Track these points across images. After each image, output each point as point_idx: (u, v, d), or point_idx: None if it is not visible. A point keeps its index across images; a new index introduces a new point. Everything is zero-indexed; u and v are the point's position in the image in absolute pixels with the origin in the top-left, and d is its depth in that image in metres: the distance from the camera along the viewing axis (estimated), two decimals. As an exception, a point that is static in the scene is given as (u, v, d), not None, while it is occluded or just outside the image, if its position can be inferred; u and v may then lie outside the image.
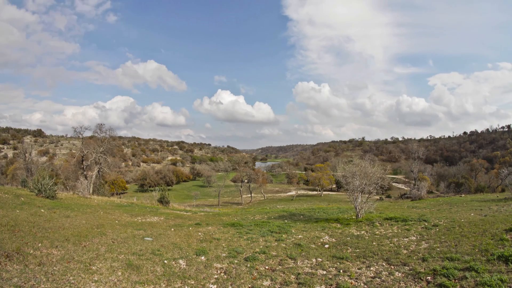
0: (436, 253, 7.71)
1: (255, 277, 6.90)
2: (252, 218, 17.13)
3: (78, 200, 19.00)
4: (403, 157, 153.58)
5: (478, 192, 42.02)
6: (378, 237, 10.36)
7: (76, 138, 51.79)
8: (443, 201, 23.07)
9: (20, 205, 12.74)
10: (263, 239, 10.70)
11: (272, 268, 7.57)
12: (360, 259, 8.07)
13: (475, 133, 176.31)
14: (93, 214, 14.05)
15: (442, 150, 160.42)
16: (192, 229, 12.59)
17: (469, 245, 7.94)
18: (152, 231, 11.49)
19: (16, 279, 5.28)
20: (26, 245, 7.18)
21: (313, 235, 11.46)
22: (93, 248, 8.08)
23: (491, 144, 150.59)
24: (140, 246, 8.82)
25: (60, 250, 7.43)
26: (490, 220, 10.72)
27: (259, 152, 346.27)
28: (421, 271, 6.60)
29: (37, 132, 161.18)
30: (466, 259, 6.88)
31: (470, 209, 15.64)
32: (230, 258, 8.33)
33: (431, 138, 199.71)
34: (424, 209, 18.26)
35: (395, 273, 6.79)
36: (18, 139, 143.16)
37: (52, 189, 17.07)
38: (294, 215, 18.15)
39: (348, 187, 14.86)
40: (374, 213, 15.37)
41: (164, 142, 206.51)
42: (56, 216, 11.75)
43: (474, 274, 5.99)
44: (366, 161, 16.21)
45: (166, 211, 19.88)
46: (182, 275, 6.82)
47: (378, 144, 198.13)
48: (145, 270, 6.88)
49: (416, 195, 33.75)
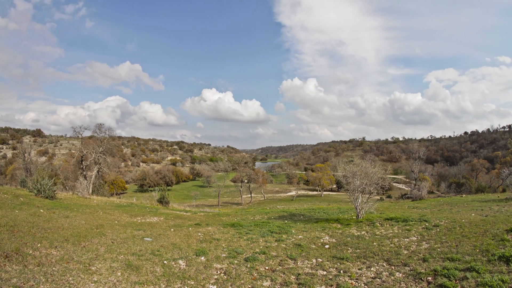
0: (437, 254, 7.71)
1: (255, 278, 6.90)
2: (252, 219, 17.13)
3: (78, 200, 19.00)
4: (403, 157, 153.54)
5: (479, 192, 41.99)
6: (379, 238, 10.36)
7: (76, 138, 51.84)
8: (444, 202, 23.06)
9: (19, 205, 12.74)
10: (263, 240, 10.70)
11: (272, 269, 7.57)
12: (361, 260, 8.07)
13: (475, 133, 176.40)
14: (93, 215, 14.04)
15: (443, 150, 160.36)
16: (192, 229, 12.59)
17: (470, 246, 7.93)
18: (151, 231, 11.49)
19: (15, 279, 5.28)
20: (25, 246, 7.18)
21: (313, 235, 11.46)
22: (92, 248, 8.08)
23: (492, 144, 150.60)
24: (139, 247, 8.82)
25: (60, 250, 7.43)
26: (491, 220, 10.72)
27: (259, 152, 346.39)
28: (422, 272, 6.60)
29: (36, 132, 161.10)
30: (467, 260, 6.88)
31: (471, 210, 15.64)
32: (230, 258, 8.33)
33: (431, 138, 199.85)
34: (424, 209, 18.27)
35: (396, 274, 6.79)
36: (17, 139, 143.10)
37: (52, 189, 17.07)
38: (294, 216, 18.15)
39: (348, 187, 14.87)
40: (375, 214, 15.37)
41: (163, 142, 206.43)
42: (55, 217, 11.75)
43: (475, 275, 5.99)
44: (367, 161, 16.21)
45: (165, 211, 19.88)
46: (181, 276, 6.82)
47: (379, 144, 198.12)
48: (144, 270, 6.87)
49: (417, 195, 33.78)
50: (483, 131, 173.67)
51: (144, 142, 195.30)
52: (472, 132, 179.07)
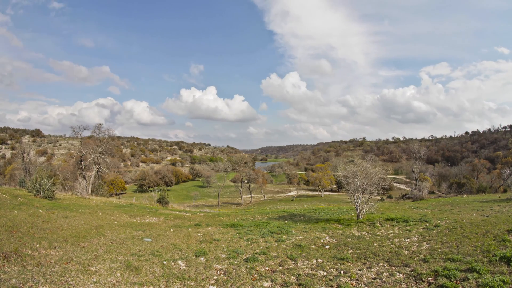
0: (438, 254, 7.71)
1: (255, 278, 6.90)
2: (252, 219, 17.13)
3: (77, 201, 19.00)
4: (404, 157, 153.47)
5: (480, 193, 41.96)
6: (379, 238, 10.36)
7: (75, 138, 51.80)
8: (445, 202, 23.06)
9: (18, 205, 12.73)
10: (263, 240, 10.69)
11: (272, 269, 7.57)
12: (361, 260, 8.07)
13: (476, 133, 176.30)
14: (92, 215, 14.04)
15: (444, 150, 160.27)
16: (192, 229, 12.59)
17: (470, 246, 7.93)
18: (151, 231, 11.49)
19: (14, 280, 5.28)
20: (24, 246, 7.17)
21: (313, 236, 11.46)
22: (91, 249, 8.07)
23: (493, 144, 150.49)
24: (139, 247, 8.82)
25: (59, 251, 7.43)
26: (492, 220, 10.72)
27: (259, 152, 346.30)
28: (423, 272, 6.60)
29: (35, 132, 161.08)
30: (468, 260, 6.88)
31: (472, 210, 15.64)
32: (230, 259, 8.32)
33: (432, 138, 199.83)
34: (425, 209, 18.26)
35: (396, 274, 6.79)
36: (16, 139, 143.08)
37: (51, 190, 17.07)
38: (294, 216, 18.14)
39: (349, 188, 14.87)
40: (375, 214, 15.37)
41: (163, 142, 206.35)
42: (54, 217, 11.75)
43: (476, 275, 5.99)
44: (367, 161, 16.21)
45: (165, 211, 19.88)
46: (181, 276, 6.82)
47: (379, 144, 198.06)
48: (144, 271, 6.87)
49: (418, 195, 33.79)
50: (484, 131, 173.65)
51: (143, 142, 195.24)
52: (473, 132, 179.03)
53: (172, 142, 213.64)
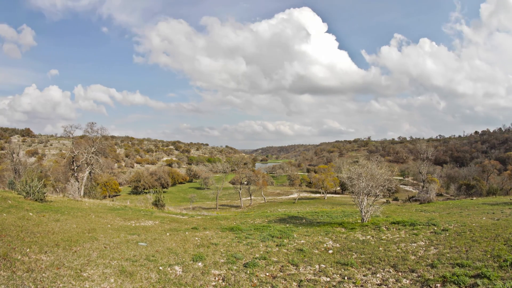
0: (446, 259, 7.72)
1: (255, 284, 6.90)
2: (252, 222, 17.13)
3: (69, 203, 19.00)
4: (411, 158, 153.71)
5: (490, 195, 42.02)
6: (385, 242, 10.37)
7: (66, 137, 51.78)
8: (453, 204, 23.09)
9: (7, 208, 12.74)
10: (264, 244, 10.70)
11: (273, 275, 7.57)
12: (366, 265, 8.07)
13: (486, 132, 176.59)
14: (84, 218, 14.05)
15: (452, 150, 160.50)
16: (189, 233, 12.59)
17: (480, 251, 7.94)
18: (146, 235, 11.49)
19: (3, 286, 5.29)
20: (13, 251, 7.18)
21: (316, 240, 11.46)
22: (84, 253, 8.08)
23: (504, 144, 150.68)
24: (133, 252, 8.82)
25: (50, 255, 7.43)
26: (502, 224, 10.73)
27: (259, 153, 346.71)
28: (430, 278, 6.60)
29: (25, 131, 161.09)
30: (478, 266, 6.89)
31: (482, 213, 15.65)
32: (228, 264, 8.33)
33: (440, 137, 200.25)
34: (433, 212, 18.28)
35: (403, 280, 6.79)
36: (5, 139, 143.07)
37: (41, 192, 17.07)
38: (296, 219, 18.15)
39: (353, 190, 14.87)
40: (381, 217, 15.38)
41: (159, 142, 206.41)
42: (45, 220, 11.75)
43: (486, 281, 5.99)
44: (373, 162, 16.22)
45: (161, 214, 19.89)
46: (178, 282, 6.82)
47: (385, 144, 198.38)
48: (139, 277, 6.88)
49: (425, 198, 33.81)
50: (494, 131, 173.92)
51: (138, 142, 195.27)
52: (483, 132, 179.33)
53: (168, 142, 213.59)
